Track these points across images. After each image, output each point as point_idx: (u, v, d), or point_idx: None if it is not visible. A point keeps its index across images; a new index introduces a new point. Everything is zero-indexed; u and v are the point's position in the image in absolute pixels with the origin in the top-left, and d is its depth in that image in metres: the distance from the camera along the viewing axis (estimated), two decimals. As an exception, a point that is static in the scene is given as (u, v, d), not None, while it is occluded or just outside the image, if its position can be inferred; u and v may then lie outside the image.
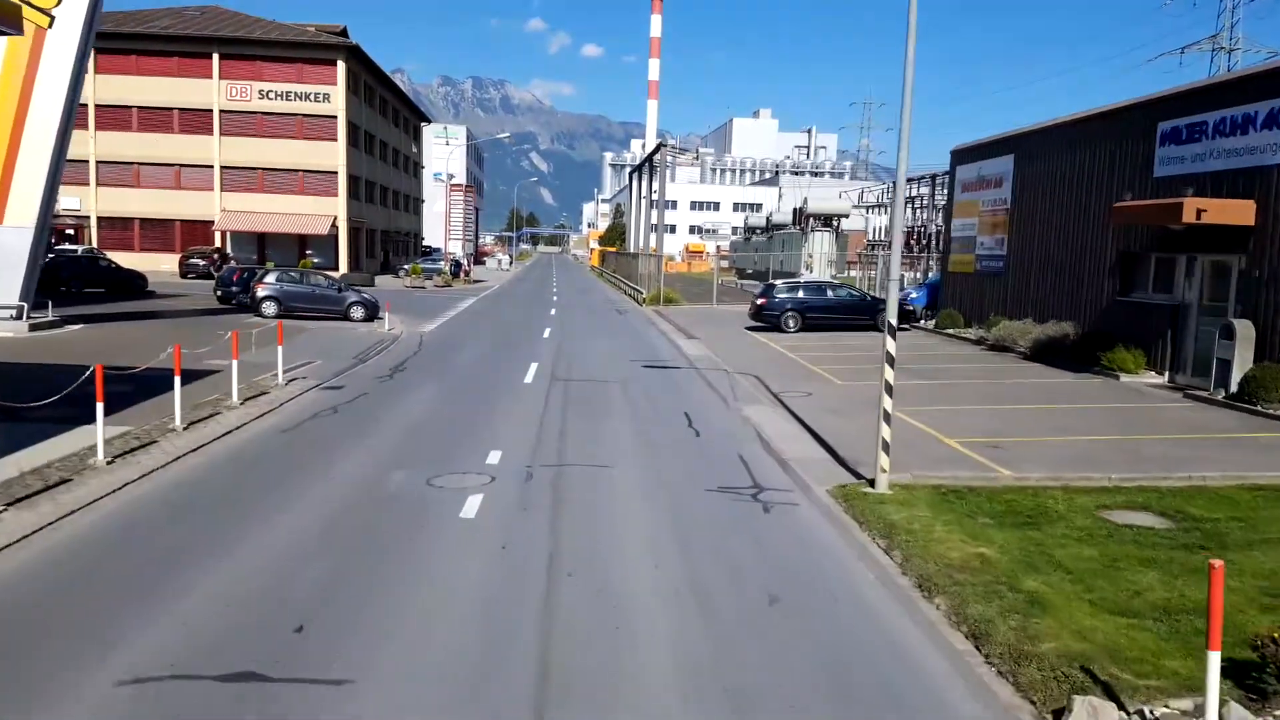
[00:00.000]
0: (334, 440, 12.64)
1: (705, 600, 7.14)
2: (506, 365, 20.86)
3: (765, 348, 25.35)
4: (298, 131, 56.67)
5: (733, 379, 19.06)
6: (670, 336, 28.29)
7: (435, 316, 33.56)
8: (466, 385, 18.06)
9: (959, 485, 10.34)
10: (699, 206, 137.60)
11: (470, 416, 14.70)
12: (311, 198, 56.72)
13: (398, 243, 75.67)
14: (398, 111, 74.59)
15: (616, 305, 43.69)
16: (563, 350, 23.77)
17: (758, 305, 29.15)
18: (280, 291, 30.22)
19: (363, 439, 12.76)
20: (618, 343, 26.52)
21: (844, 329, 28.93)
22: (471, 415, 14.81)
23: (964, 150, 29.66)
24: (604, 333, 29.67)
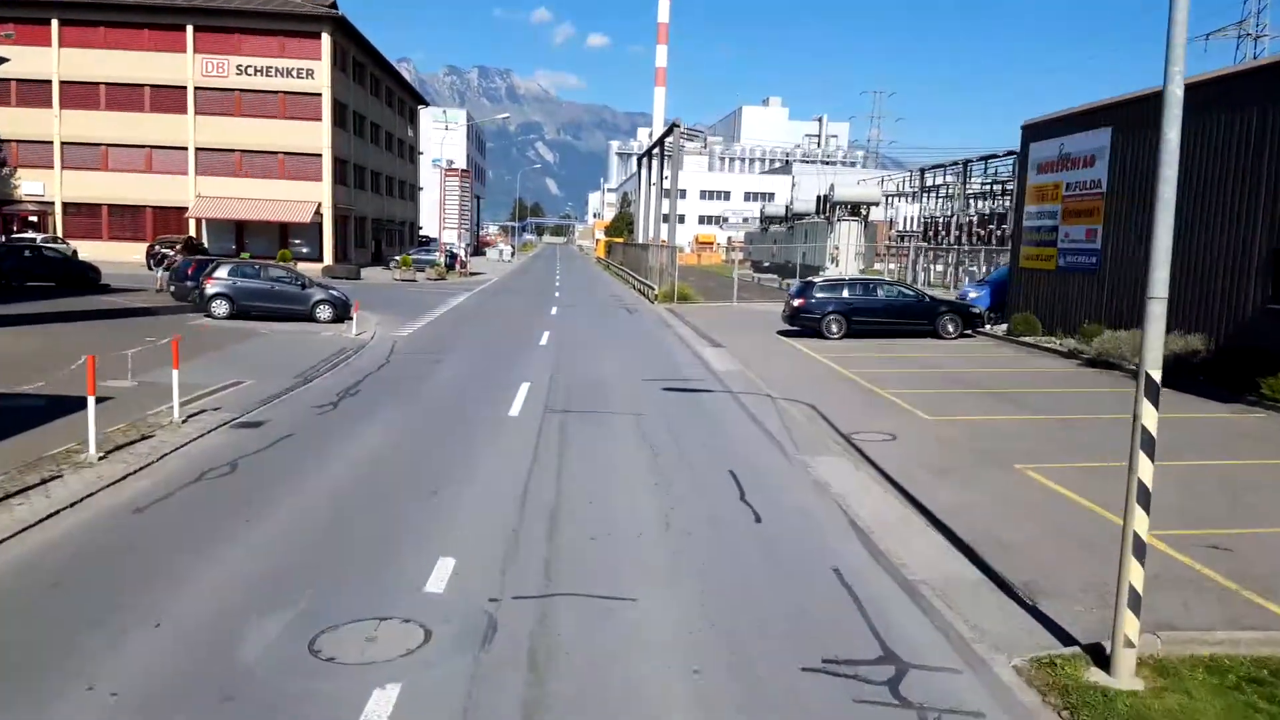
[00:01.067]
0: (200, 534, 8.19)
1: None
2: (490, 387, 16.40)
3: (809, 360, 20.84)
4: (279, 110, 52.19)
5: (781, 409, 14.58)
6: (690, 343, 23.81)
7: (419, 316, 29.13)
8: (430, 421, 13.58)
9: (1247, 657, 5.86)
10: (708, 196, 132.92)
11: (422, 481, 10.24)
12: (294, 182, 52.26)
13: (391, 232, 71.19)
14: (391, 92, 70.00)
15: (625, 302, 39.19)
16: (562, 364, 19.30)
17: (794, 307, 24.63)
18: (232, 288, 25.77)
19: (243, 531, 8.30)
20: (629, 353, 22.04)
21: (896, 335, 24.45)
22: (425, 479, 10.35)
23: (1040, 124, 25.07)
24: (612, 339, 25.19)
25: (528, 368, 18.58)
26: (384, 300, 35.61)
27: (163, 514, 8.78)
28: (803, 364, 20.32)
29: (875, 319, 24.42)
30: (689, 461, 11.19)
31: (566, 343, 23.22)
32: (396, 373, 17.88)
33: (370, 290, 40.67)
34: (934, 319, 24.45)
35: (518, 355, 20.65)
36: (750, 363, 20.01)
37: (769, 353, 22.13)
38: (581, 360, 20.03)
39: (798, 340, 24.30)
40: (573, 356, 20.63)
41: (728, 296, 40.09)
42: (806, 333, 24.74)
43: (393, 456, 11.37)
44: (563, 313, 32.37)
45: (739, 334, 25.88)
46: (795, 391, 16.26)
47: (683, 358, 21.21)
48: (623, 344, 23.85)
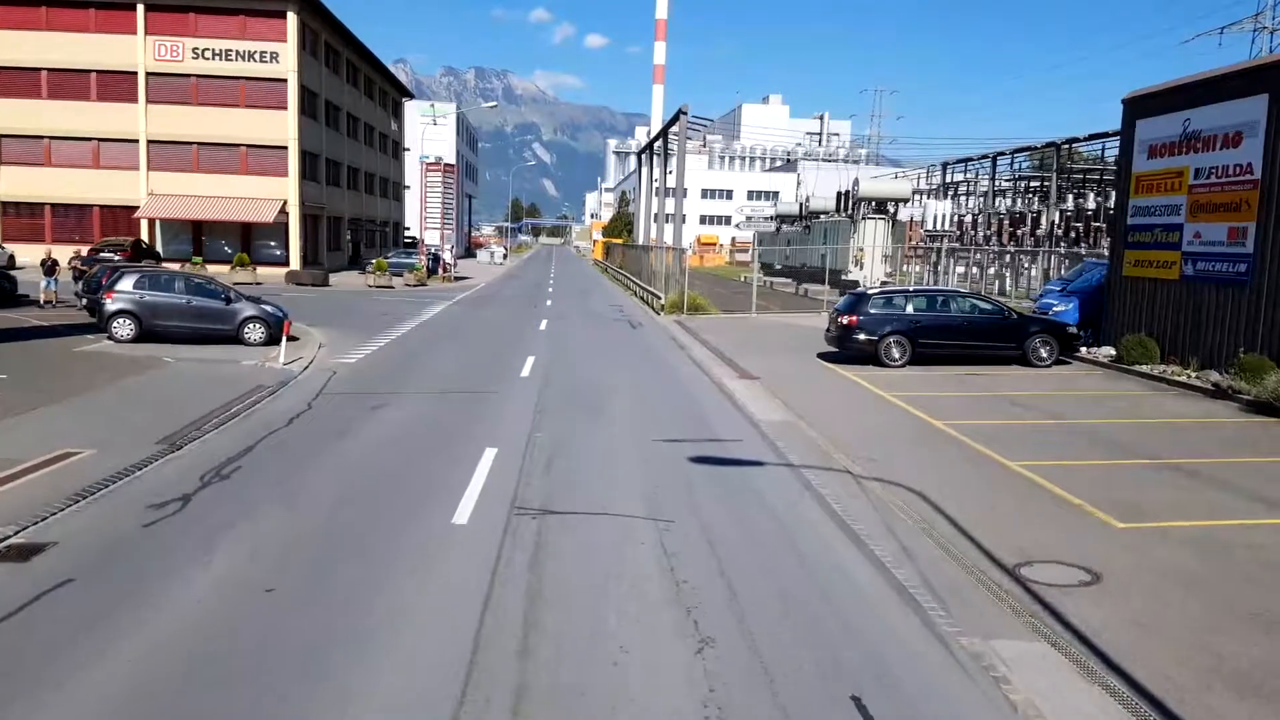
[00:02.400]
0: None
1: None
2: (437, 458, 11.22)
3: (878, 403, 15.65)
4: (240, 98, 46.96)
5: (880, 504, 9.42)
6: (712, 372, 18.61)
7: (378, 334, 23.98)
8: (321, 539, 8.37)
9: None
10: (709, 195, 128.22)
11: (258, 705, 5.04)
12: (257, 178, 47.03)
13: (372, 233, 66.01)
14: (371, 82, 64.78)
15: (627, 314, 33.99)
16: (547, 411, 14.12)
17: (842, 325, 19.43)
18: (139, 304, 20.59)
19: None
20: (635, 391, 16.81)
21: (974, 361, 19.33)
22: (263, 699, 5.15)
23: (1152, 95, 19.91)
24: (612, 367, 19.97)
25: (499, 420, 13.40)
26: (345, 312, 30.47)
27: None
28: (872, 409, 15.13)
29: (948, 341, 19.26)
30: (766, 665, 5.97)
31: (555, 375, 18.02)
32: (311, 429, 12.69)
33: (333, 300, 35.47)
34: (1022, 341, 19.28)
35: (488, 397, 15.46)
36: (801, 407, 14.83)
37: (819, 388, 16.96)
38: (573, 405, 14.83)
39: (849, 368, 19.15)
40: (561, 398, 15.43)
41: (743, 306, 34.89)
42: (857, 357, 19.59)
43: (221, 638, 6.15)
44: (554, 329, 27.18)
45: (771, 358, 20.72)
46: (885, 462, 11.10)
47: (707, 397, 16.00)
48: (626, 375, 18.64)
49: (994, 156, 57.99)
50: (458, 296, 39.30)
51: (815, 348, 22.14)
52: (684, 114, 42.53)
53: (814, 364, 20.08)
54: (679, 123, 42.87)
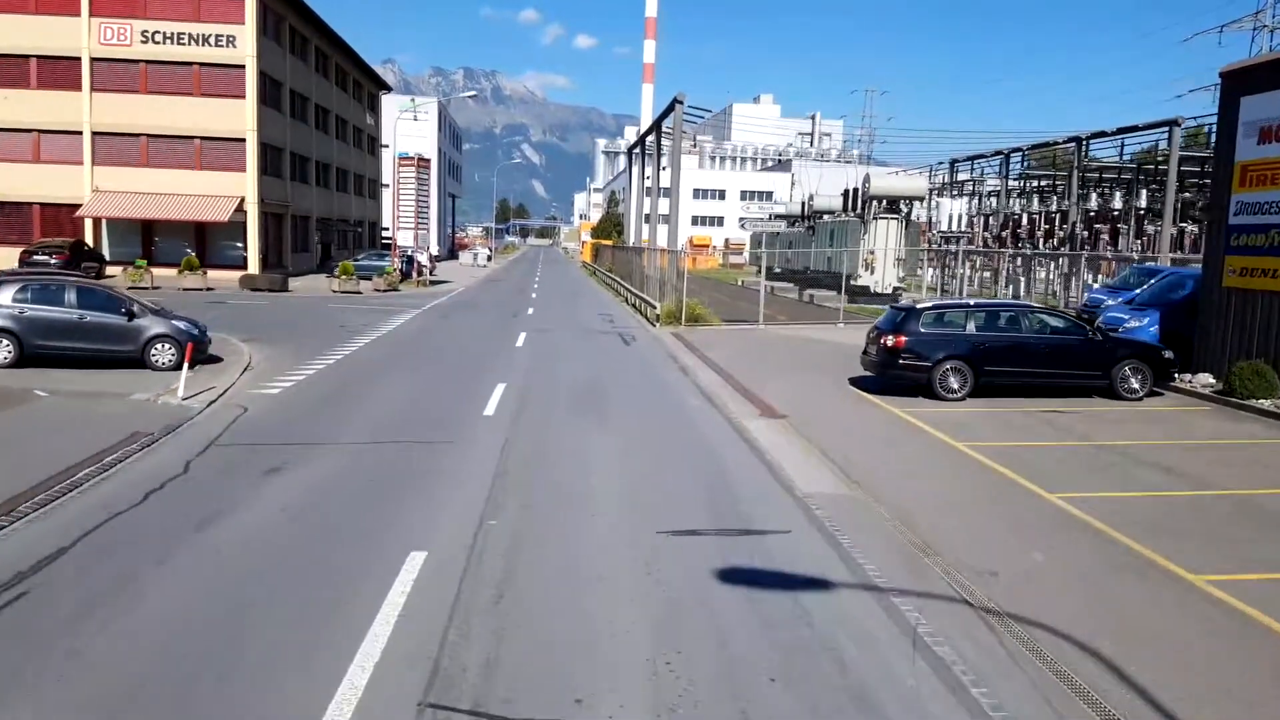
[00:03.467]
0: None
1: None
2: (326, 587, 7.32)
3: (954, 460, 11.81)
4: (194, 86, 42.88)
5: (1037, 678, 5.57)
6: (729, 410, 14.75)
7: (322, 352, 20.12)
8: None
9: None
10: (701, 195, 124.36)
11: None
12: (212, 174, 42.95)
13: (345, 234, 61.95)
14: (345, 74, 60.73)
15: (618, 324, 30.15)
16: (509, 486, 10.26)
17: (886, 348, 15.62)
18: (18, 320, 16.71)
19: None
20: (634, 440, 12.93)
21: (1049, 392, 15.61)
22: None
23: (1261, 67, 16.20)
24: (602, 402, 16.07)
25: (439, 495, 9.57)
26: (295, 324, 26.60)
27: None
28: (948, 469, 11.30)
29: (1018, 368, 15.49)
30: None
31: (528, 413, 14.16)
32: (166, 514, 8.80)
33: (288, 308, 31.51)
34: (1109, 367, 15.54)
35: (435, 451, 11.61)
36: (854, 465, 11.03)
37: (866, 434, 13.15)
38: (547, 465, 10.97)
39: (893, 401, 15.36)
40: (533, 451, 11.58)
41: (747, 315, 31.12)
42: (903, 386, 15.82)
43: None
44: (533, 345, 23.31)
45: (793, 384, 16.93)
46: (1012, 577, 7.29)
47: (727, 449, 12.12)
48: (619, 413, 14.79)
49: (1007, 154, 54.46)
50: (430, 303, 35.39)
51: (842, 369, 18.37)
52: (680, 103, 38.78)
53: (848, 394, 16.27)
54: (674, 113, 39.13)
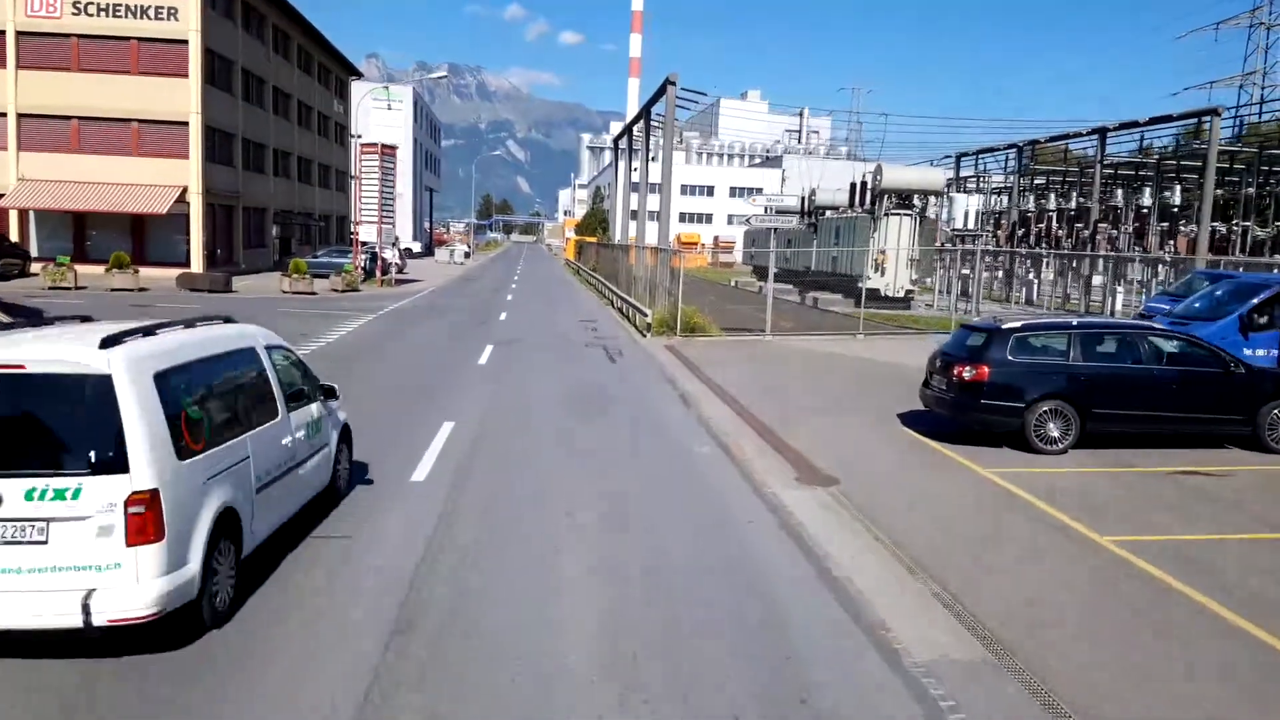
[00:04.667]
0: None
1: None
2: None
3: (1098, 562, 7.80)
4: (131, 63, 38.60)
5: None
6: (753, 470, 10.71)
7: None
8: None
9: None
10: (689, 191, 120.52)
11: None
12: (152, 160, 38.68)
13: (308, 228, 57.62)
14: (309, 56, 56.38)
15: (602, 334, 26.13)
16: (430, 607, 6.27)
17: (963, 382, 11.63)
18: None
19: None
20: (626, 524, 8.87)
21: (1173, 441, 11.75)
22: None
23: None
24: (581, 456, 11.97)
25: (311, 665, 5.50)
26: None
27: None
28: (1114, 593, 7.27)
29: (1137, 410, 11.58)
30: None
31: (476, 481, 10.10)
32: None
33: (223, 311, 27.28)
34: (1254, 408, 11.67)
35: (322, 553, 7.54)
36: (974, 594, 7.03)
37: (964, 520, 9.13)
38: (487, 606, 6.93)
39: (971, 453, 11.42)
40: (469, 568, 7.54)
41: (748, 322, 27.20)
42: (979, 429, 11.89)
43: None
44: (500, 362, 19.27)
45: (833, 427, 12.94)
46: None
47: (766, 553, 7.98)
48: (600, 472, 10.73)
49: (1020, 147, 50.78)
50: (390, 306, 31.23)
51: (883, 399, 14.54)
52: (672, 84, 34.81)
53: (907, 442, 12.29)
54: (666, 96, 35.16)
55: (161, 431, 5.62)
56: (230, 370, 6.98)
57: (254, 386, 7.22)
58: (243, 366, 7.18)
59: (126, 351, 5.72)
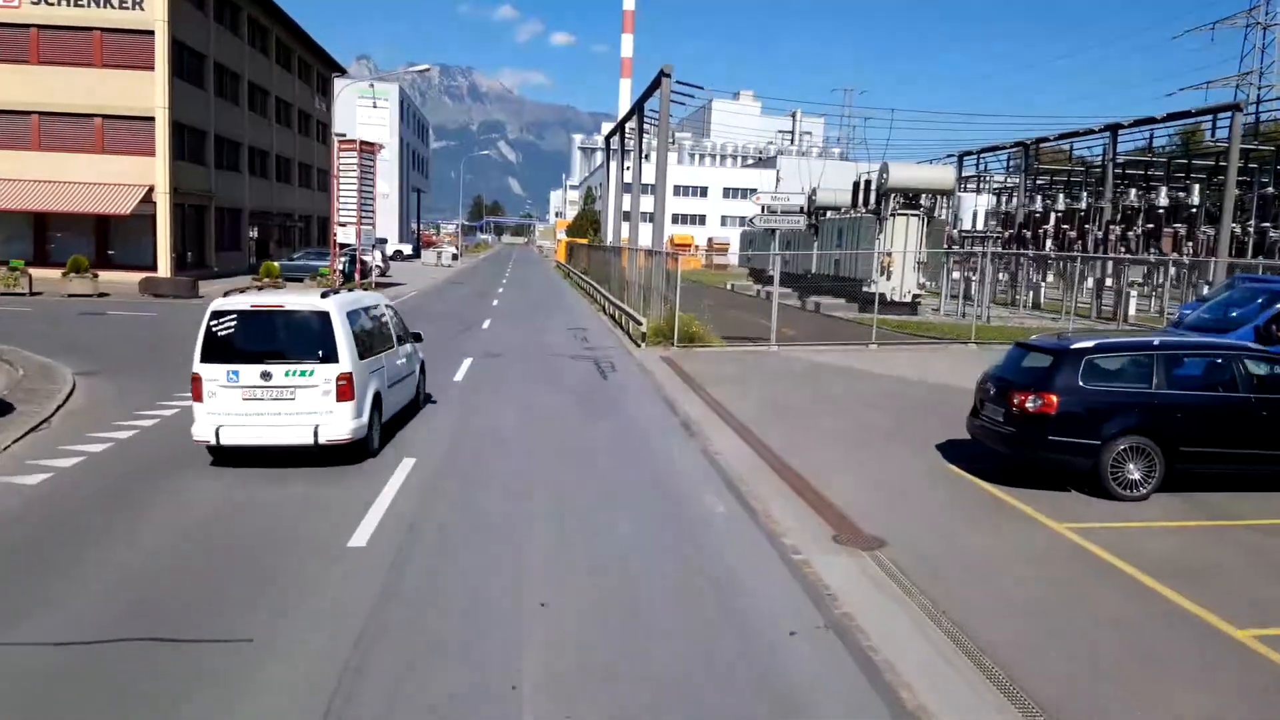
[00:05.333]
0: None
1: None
2: None
3: (1250, 670, 5.85)
4: (94, 56, 36.37)
5: None
6: (781, 532, 8.74)
7: (177, 392, 14.00)
8: None
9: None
10: (682, 192, 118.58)
11: None
12: (116, 158, 36.47)
13: (288, 229, 55.46)
14: (289, 51, 54.21)
15: (593, 345, 24.13)
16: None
17: (1029, 415, 9.63)
18: None
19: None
20: (616, 623, 6.93)
21: (1266, 483, 9.82)
22: None
23: None
24: (564, 511, 10.01)
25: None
26: (171, 343, 20.43)
27: None
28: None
29: (1233, 449, 9.67)
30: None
31: (427, 544, 8.12)
32: None
33: (181, 320, 25.18)
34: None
35: (206, 665, 5.55)
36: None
37: (1053, 600, 7.14)
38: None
39: (1034, 499, 9.49)
40: (414, 679, 5.57)
41: (752, 330, 25.26)
42: (1044, 469, 9.94)
43: None
44: (477, 380, 17.27)
45: (866, 465, 10.97)
46: None
47: (810, 667, 6.11)
48: (589, 529, 8.75)
49: (1027, 145, 48.94)
50: (366, 314, 29.12)
51: (917, 426, 12.66)
52: (667, 76, 32.85)
53: (957, 485, 10.32)
54: (661, 89, 33.22)
55: (351, 343, 10.12)
56: (374, 316, 11.66)
57: (383, 327, 11.91)
58: (378, 315, 11.88)
59: (334, 299, 10.43)
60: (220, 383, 9.84)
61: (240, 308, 10.32)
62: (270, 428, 9.88)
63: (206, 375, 9.86)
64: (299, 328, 10.26)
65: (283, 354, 9.99)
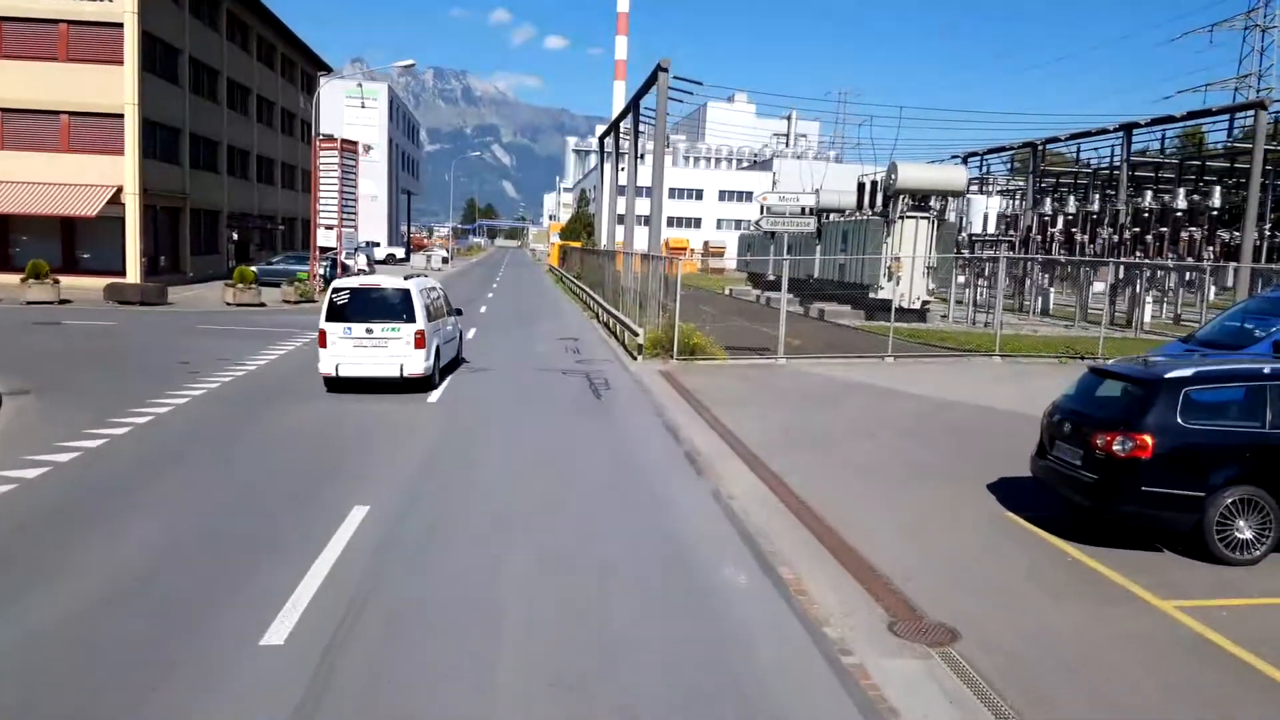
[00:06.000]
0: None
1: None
2: None
3: None
4: (60, 49, 34.52)
5: None
6: (821, 618, 6.99)
7: (117, 413, 12.23)
8: None
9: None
10: (677, 195, 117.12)
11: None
12: (84, 156, 34.59)
13: (271, 231, 53.61)
14: (271, 47, 52.37)
15: (586, 357, 22.34)
16: None
17: (1118, 462, 7.87)
18: None
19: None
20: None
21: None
22: None
23: None
24: (535, 621, 8.26)
25: None
26: (127, 355, 18.71)
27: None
28: None
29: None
30: None
31: (361, 645, 6.32)
32: None
33: (143, 329, 23.39)
34: None
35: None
36: None
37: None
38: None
39: (1124, 563, 7.75)
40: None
41: (756, 341, 23.50)
42: (1134, 525, 8.19)
43: None
44: (456, 399, 15.48)
45: (912, 515, 9.19)
46: None
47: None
48: (581, 657, 6.98)
49: (1035, 146, 47.27)
50: (344, 323, 27.27)
51: (954, 456, 10.99)
52: (664, 71, 31.17)
53: (1024, 541, 8.54)
54: (658, 84, 31.54)
55: (425, 310, 14.99)
56: (434, 296, 16.40)
57: (439, 301, 16.59)
58: (436, 295, 16.57)
59: (414, 282, 15.36)
60: (338, 335, 14.70)
61: (351, 286, 15.18)
62: (371, 364, 14.85)
63: (329, 330, 14.69)
64: (391, 300, 15.05)
65: (380, 316, 14.80)
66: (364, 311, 14.68)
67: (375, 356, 14.66)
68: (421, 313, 14.80)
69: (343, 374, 14.64)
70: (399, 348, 14.66)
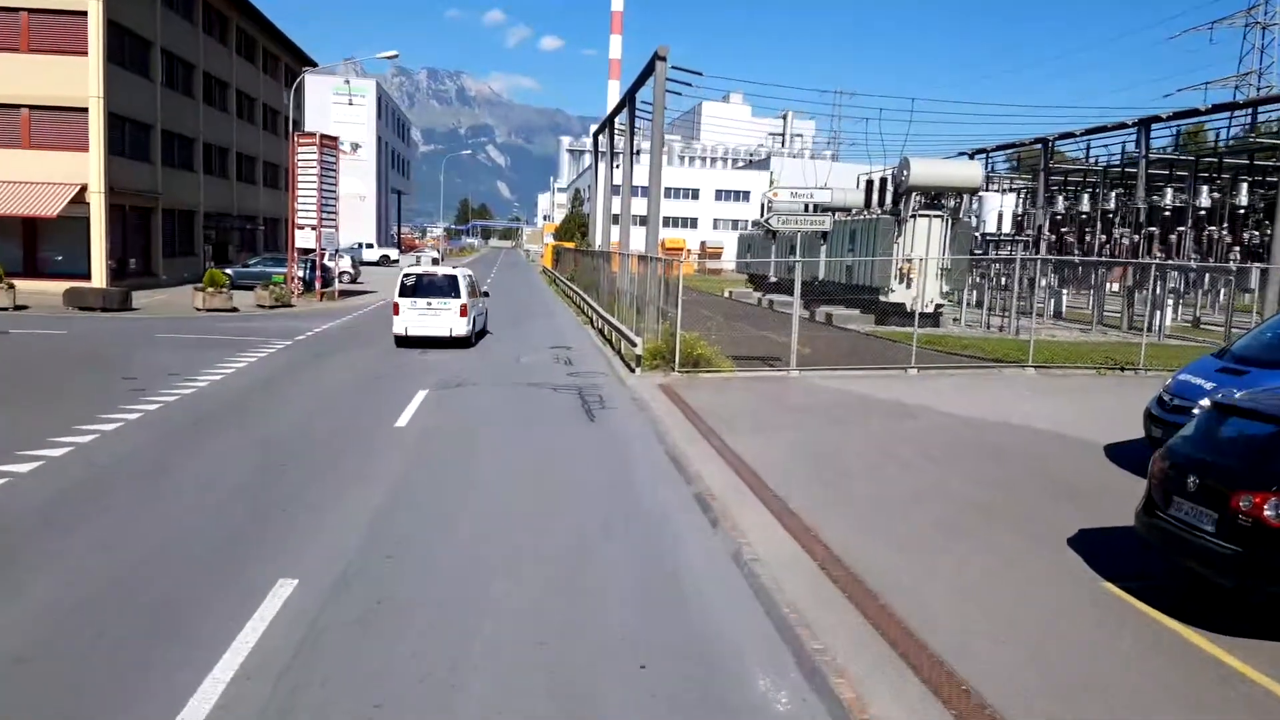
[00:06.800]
0: None
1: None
2: None
3: None
4: (21, 39, 32.56)
5: None
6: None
7: (26, 447, 10.15)
8: None
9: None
10: (673, 194, 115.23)
11: None
12: (46, 153, 32.61)
13: (252, 232, 51.60)
14: (251, 41, 50.37)
15: (579, 369, 20.41)
16: None
17: (1265, 530, 6.00)
18: None
19: None
20: None
21: None
22: None
23: None
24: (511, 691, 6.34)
25: None
26: (72, 368, 16.84)
27: None
28: None
29: None
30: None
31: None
32: None
33: (97, 337, 21.45)
34: None
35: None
36: None
37: None
38: None
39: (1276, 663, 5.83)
40: None
41: (764, 349, 21.63)
42: (1257, 600, 6.30)
43: None
44: (427, 424, 13.58)
45: (978, 584, 7.28)
46: None
47: None
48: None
49: (1046, 142, 45.45)
50: (317, 328, 25.37)
51: (1014, 497, 9.09)
52: (662, 60, 29.16)
53: (1135, 625, 6.64)
54: (655, 75, 29.50)
55: (468, 290, 21.80)
56: (471, 281, 22.65)
57: (474, 285, 23.08)
58: (472, 281, 22.88)
59: (460, 270, 22.78)
60: (407, 307, 21.03)
61: (416, 273, 22.06)
62: (430, 327, 21.08)
63: (401, 303, 21.05)
64: (442, 283, 21.44)
65: (436, 294, 21.17)
66: (425, 291, 21.19)
67: (432, 322, 21.03)
68: (465, 291, 21.29)
69: (410, 334, 21.04)
70: (449, 317, 21.04)
